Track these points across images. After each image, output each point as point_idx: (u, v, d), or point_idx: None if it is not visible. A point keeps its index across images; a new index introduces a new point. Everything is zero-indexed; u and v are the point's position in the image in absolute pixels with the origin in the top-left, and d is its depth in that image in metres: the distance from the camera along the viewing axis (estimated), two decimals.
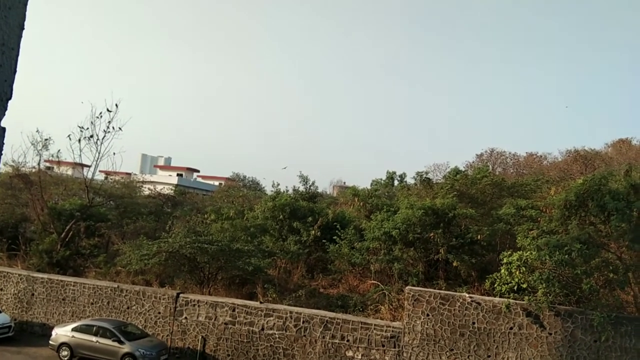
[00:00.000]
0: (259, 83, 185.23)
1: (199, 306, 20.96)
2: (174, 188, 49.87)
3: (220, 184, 70.56)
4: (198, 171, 79.49)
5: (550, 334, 17.41)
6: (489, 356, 17.74)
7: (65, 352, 19.64)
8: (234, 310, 20.42)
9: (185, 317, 21.06)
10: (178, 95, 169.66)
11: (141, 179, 46.10)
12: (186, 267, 23.79)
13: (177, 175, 71.07)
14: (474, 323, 17.99)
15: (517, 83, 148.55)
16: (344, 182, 69.97)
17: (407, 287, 19.44)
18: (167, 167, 79.74)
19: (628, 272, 17.80)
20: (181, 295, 21.50)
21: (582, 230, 17.97)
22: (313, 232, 26.76)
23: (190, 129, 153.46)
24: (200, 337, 20.65)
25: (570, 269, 16.97)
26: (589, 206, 18.52)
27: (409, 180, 36.22)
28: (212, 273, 23.78)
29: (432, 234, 22.12)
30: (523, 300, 17.54)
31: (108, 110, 25.91)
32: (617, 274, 17.82)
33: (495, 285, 18.54)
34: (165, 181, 60.84)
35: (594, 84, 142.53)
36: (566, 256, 16.55)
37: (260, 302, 20.76)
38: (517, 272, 18.06)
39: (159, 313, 21.47)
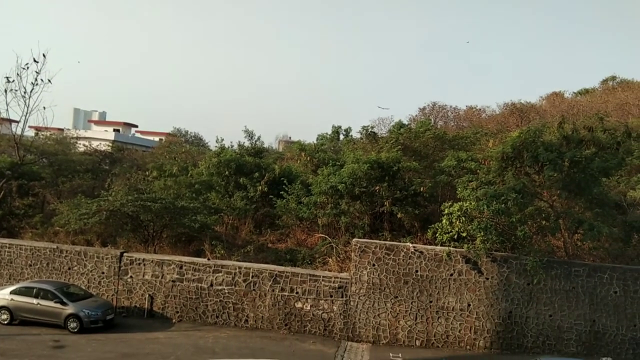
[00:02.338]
0: (199, 31, 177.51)
1: (144, 265, 20.62)
2: (111, 144, 47.78)
3: (160, 139, 68.21)
4: (136, 126, 76.29)
5: (488, 278, 18.51)
6: (430, 301, 18.69)
7: (4, 316, 18.86)
8: (181, 268, 20.24)
9: (131, 276, 20.69)
10: (112, 46, 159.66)
11: (75, 135, 43.73)
12: (129, 225, 23.17)
13: (114, 130, 67.88)
14: (417, 271, 18.79)
15: (460, 37, 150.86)
16: (290, 137, 69.58)
17: (353, 240, 19.90)
18: (102, 122, 75.81)
19: (559, 219, 19.03)
20: (125, 254, 21.01)
21: (518, 181, 18.90)
22: (260, 187, 26.62)
23: (125, 80, 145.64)
24: (147, 295, 20.42)
25: (506, 217, 17.92)
26: (524, 157, 19.47)
27: (355, 134, 36.54)
28: (157, 231, 23.31)
29: (377, 187, 22.59)
30: (463, 248, 18.44)
31: (35, 60, 24.08)
32: (549, 221, 19.04)
33: (437, 235, 19.31)
34: (101, 137, 58.09)
35: (530, 39, 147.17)
36: (502, 205, 17.41)
37: (208, 259, 20.67)
38: (458, 222, 18.85)
39: (103, 273, 20.95)
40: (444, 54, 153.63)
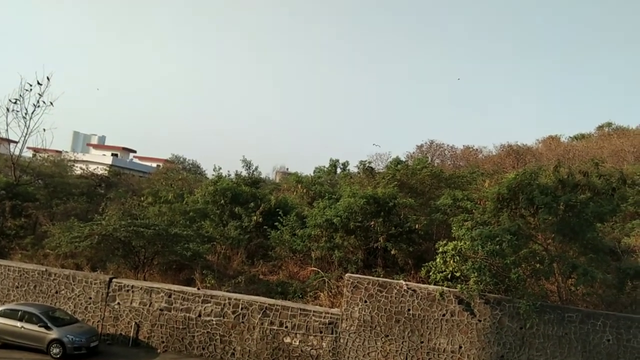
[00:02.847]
0: (202, 64, 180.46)
1: (132, 292, 20.30)
2: (108, 168, 47.76)
3: (158, 165, 68.35)
4: (135, 151, 76.49)
5: (480, 320, 18.25)
6: (422, 342, 18.37)
7: None
8: (170, 296, 19.93)
9: (118, 303, 20.34)
10: (116, 73, 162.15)
11: (73, 158, 43.77)
12: (120, 251, 22.93)
13: (112, 155, 68.00)
14: (409, 310, 18.54)
15: (456, 79, 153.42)
16: (287, 169, 69.76)
17: (346, 275, 19.71)
18: (101, 146, 76.09)
19: (553, 263, 18.92)
20: (114, 280, 20.72)
21: (513, 222, 18.88)
22: (255, 217, 26.51)
23: (127, 108, 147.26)
24: (133, 323, 20.03)
25: (500, 258, 17.79)
26: (520, 199, 19.49)
27: (352, 168, 36.68)
28: (148, 258, 23.06)
29: (372, 223, 22.51)
30: (456, 289, 18.24)
31: (38, 83, 24.36)
32: (543, 264, 18.92)
33: (431, 274, 19.16)
34: (98, 161, 58.16)
35: (528, 85, 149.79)
36: (497, 246, 17.33)
37: (198, 288, 20.38)
38: (452, 261, 18.74)
39: (90, 298, 20.60)
40: (443, 94, 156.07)
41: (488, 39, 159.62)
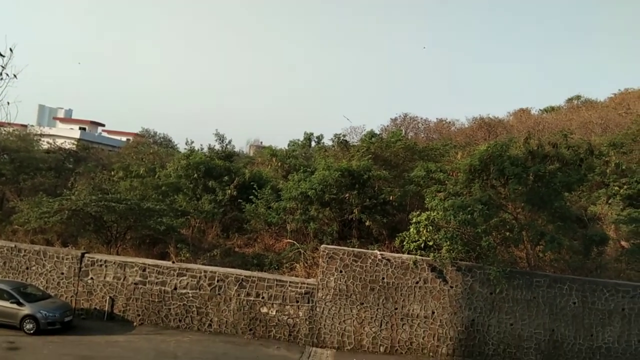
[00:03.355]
0: (175, 32, 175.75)
1: (106, 266, 20.09)
2: (76, 142, 46.54)
3: (128, 139, 66.93)
4: (103, 125, 74.64)
5: (452, 287, 18.76)
6: (396, 308, 18.81)
7: None
8: (144, 270, 19.80)
9: (91, 278, 20.12)
10: (82, 44, 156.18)
11: (39, 132, 42.45)
12: (91, 226, 22.56)
13: (80, 129, 66.24)
14: (383, 278, 18.90)
15: (431, 49, 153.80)
16: (261, 142, 69.25)
17: (322, 246, 19.90)
18: (68, 119, 73.87)
19: (522, 231, 19.49)
20: (86, 255, 20.43)
21: (484, 193, 19.30)
22: (229, 191, 26.36)
23: (95, 79, 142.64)
24: (108, 297, 19.88)
25: (472, 227, 18.22)
26: (491, 170, 19.89)
27: (327, 142, 36.61)
28: (121, 232, 22.78)
29: (347, 195, 22.69)
30: (429, 257, 18.66)
31: (1, 54, 23.32)
32: (513, 232, 19.47)
33: (404, 243, 19.51)
34: (66, 135, 56.56)
35: (500, 55, 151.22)
36: (469, 216, 17.71)
37: (173, 262, 20.30)
38: (425, 231, 19.12)
39: (62, 274, 20.30)
40: (417, 66, 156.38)
41: (458, 9, 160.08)
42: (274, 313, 19.11)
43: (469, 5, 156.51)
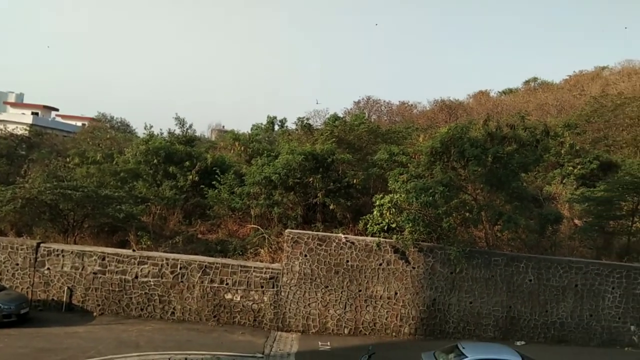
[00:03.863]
0: (130, 14, 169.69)
1: (63, 256, 19.47)
2: (28, 128, 44.65)
3: (83, 124, 64.69)
4: (57, 110, 71.74)
5: (414, 267, 19.11)
6: (360, 290, 19.04)
7: None
8: (103, 259, 19.30)
9: (48, 268, 19.47)
10: (34, 25, 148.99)
11: None
12: (47, 215, 21.75)
13: (32, 113, 63.46)
14: (348, 261, 19.06)
15: (394, 33, 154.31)
16: (223, 126, 68.27)
17: (286, 230, 19.85)
18: (19, 104, 70.57)
19: (481, 212, 19.99)
20: (42, 245, 19.72)
21: (445, 175, 19.64)
22: (191, 177, 25.88)
23: (47, 62, 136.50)
24: (65, 288, 19.31)
25: (433, 209, 18.57)
26: (452, 153, 20.24)
27: (290, 125, 36.42)
28: (78, 221, 22.06)
29: (311, 179, 22.65)
30: (392, 239, 18.91)
31: None
32: (472, 213, 19.95)
33: (368, 226, 19.71)
34: (17, 120, 54.14)
35: (460, 39, 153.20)
36: (430, 198, 18.02)
37: (134, 250, 19.86)
38: (388, 213, 19.34)
39: (17, 264, 19.56)
40: (379, 49, 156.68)
41: None
42: (239, 299, 19.03)
43: None
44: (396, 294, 19.07)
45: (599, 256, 21.87)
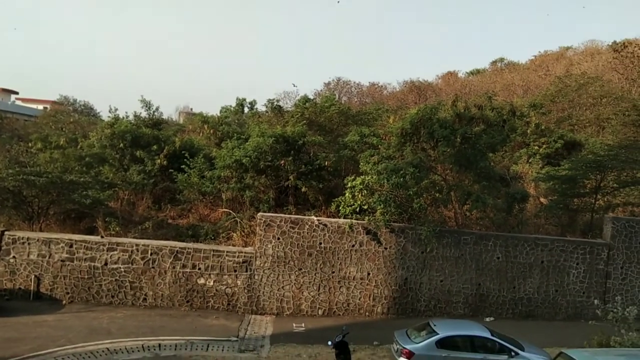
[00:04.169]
0: None
1: (29, 244, 18.93)
2: None
3: (45, 108, 62.54)
4: (17, 93, 69.14)
5: (386, 248, 19.37)
6: (333, 272, 19.21)
7: None
8: (71, 247, 18.86)
9: (14, 257, 18.92)
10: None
11: None
12: (10, 202, 21.03)
13: None
14: (320, 243, 19.16)
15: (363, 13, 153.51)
16: (192, 109, 67.11)
17: (258, 214, 19.77)
18: None
19: (450, 192, 20.33)
20: (6, 232, 19.11)
21: (415, 156, 19.84)
22: (159, 161, 25.37)
23: (4, 42, 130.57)
24: (32, 276, 18.83)
25: (404, 190, 18.77)
26: (422, 133, 20.43)
27: (260, 107, 35.99)
28: (43, 208, 21.41)
29: (282, 162, 22.52)
30: (364, 220, 19.08)
31: None
32: (442, 193, 20.27)
33: (340, 208, 19.81)
34: None
35: (427, 18, 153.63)
36: (401, 179, 18.18)
37: (102, 237, 19.46)
38: (360, 195, 19.46)
39: None
40: (348, 28, 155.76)
41: None
42: (212, 283, 18.93)
43: None
44: (369, 274, 19.32)
45: (563, 233, 22.61)
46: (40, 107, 64.31)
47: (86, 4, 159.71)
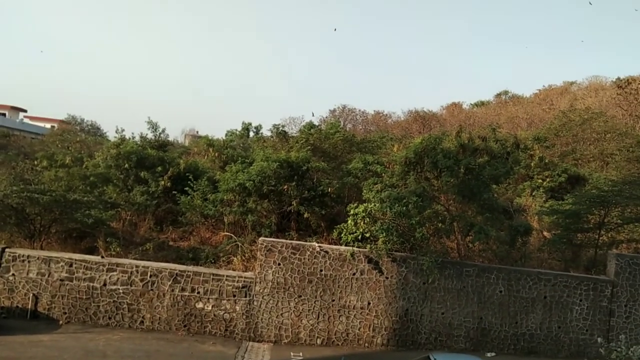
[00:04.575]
0: (103, 17, 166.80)
1: (29, 262, 18.87)
2: None
3: (52, 126, 63.19)
4: (25, 111, 69.95)
5: (387, 277, 19.18)
6: (333, 300, 18.99)
7: None
8: (71, 266, 18.77)
9: (13, 274, 18.82)
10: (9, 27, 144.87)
11: None
12: (13, 219, 21.03)
13: None
14: (321, 270, 19.00)
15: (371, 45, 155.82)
16: (197, 131, 67.56)
17: (260, 238, 19.69)
18: None
19: (453, 222, 20.23)
20: (7, 250, 19.06)
21: (418, 185, 19.82)
22: (163, 182, 25.42)
23: (16, 61, 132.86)
24: (31, 294, 18.69)
25: (407, 219, 18.67)
26: (425, 163, 20.47)
27: (265, 132, 36.30)
28: (45, 226, 21.41)
29: (286, 187, 22.55)
30: (366, 249, 18.95)
31: None
32: (445, 223, 20.16)
33: (342, 235, 19.72)
34: None
35: (434, 49, 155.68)
36: (404, 208, 18.12)
37: (102, 257, 19.37)
38: (362, 223, 19.39)
39: None
40: (354, 58, 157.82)
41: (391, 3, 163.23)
42: (210, 308, 18.73)
43: (397, 2, 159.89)
44: (369, 304, 19.09)
45: (567, 268, 22.37)
46: (48, 125, 65.02)
47: (98, 25, 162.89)
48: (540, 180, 29.70)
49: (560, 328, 19.87)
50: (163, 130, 32.46)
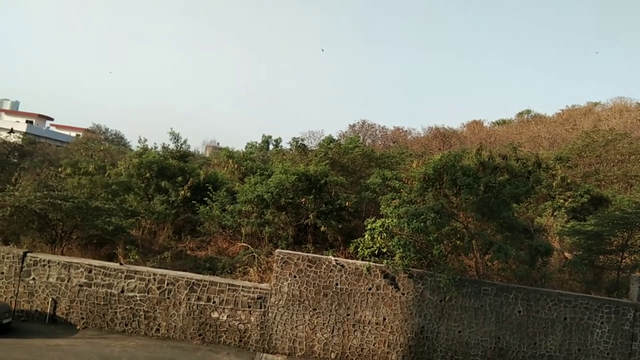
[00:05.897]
0: (127, 28, 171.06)
1: (49, 266, 19.21)
2: (22, 136, 44.45)
3: (77, 135, 64.62)
4: (52, 119, 71.74)
5: (404, 294, 18.99)
6: (348, 314, 18.86)
7: None
8: (90, 272, 19.05)
9: (34, 278, 19.18)
10: (28, 31, 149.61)
11: None
12: (35, 224, 21.52)
13: (27, 122, 63.31)
14: (337, 284, 18.92)
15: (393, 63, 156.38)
16: (218, 143, 68.46)
17: (276, 250, 19.72)
18: (14, 112, 70.47)
19: (472, 240, 19.97)
20: (29, 254, 19.45)
21: (437, 201, 19.68)
22: (182, 192, 25.78)
23: (45, 70, 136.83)
24: (50, 299, 18.99)
25: (424, 235, 18.52)
26: (444, 180, 20.33)
27: (285, 145, 36.62)
28: (66, 232, 21.83)
29: (303, 199, 22.63)
30: (382, 264, 18.81)
31: None
32: (463, 241, 19.93)
33: (359, 249, 19.61)
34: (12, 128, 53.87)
35: (456, 67, 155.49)
36: (422, 224, 17.99)
37: (121, 264, 19.62)
38: (379, 238, 19.28)
39: (2, 273, 19.24)
40: (375, 75, 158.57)
41: (407, 20, 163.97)
42: (225, 318, 18.77)
43: (422, 20, 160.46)
44: (385, 319, 18.91)
45: (588, 290, 21.87)
46: (73, 134, 66.53)
47: (128, 38, 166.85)
48: (562, 201, 29.23)
49: (580, 351, 19.36)
50: (184, 141, 32.97)
